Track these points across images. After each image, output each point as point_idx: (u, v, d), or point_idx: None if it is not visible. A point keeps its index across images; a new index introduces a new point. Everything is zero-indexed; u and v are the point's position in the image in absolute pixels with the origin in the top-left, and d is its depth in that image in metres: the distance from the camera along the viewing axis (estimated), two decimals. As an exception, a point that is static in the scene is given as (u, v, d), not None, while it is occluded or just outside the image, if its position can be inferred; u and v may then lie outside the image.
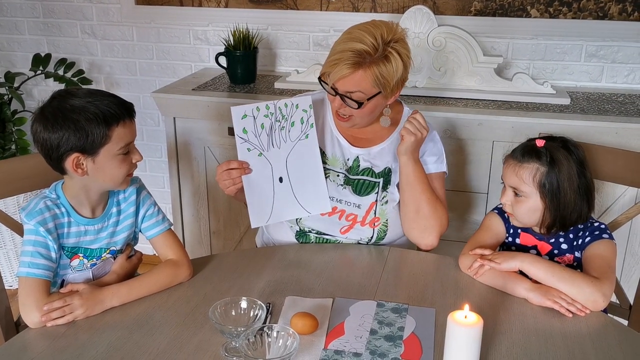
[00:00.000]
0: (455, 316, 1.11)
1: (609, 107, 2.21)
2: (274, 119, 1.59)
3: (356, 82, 1.54)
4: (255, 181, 1.61)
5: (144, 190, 1.53)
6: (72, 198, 1.40)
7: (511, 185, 1.51)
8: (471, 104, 2.23)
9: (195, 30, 2.76)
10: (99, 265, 1.46)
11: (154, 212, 1.52)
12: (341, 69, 1.52)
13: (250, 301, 1.25)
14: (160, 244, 1.51)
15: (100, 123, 1.32)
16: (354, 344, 1.24)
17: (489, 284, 1.46)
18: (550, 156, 1.46)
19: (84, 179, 1.37)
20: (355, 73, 1.53)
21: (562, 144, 1.49)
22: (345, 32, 1.58)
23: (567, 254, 1.52)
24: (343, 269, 1.58)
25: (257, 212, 1.63)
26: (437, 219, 1.66)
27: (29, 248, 1.34)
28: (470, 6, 2.45)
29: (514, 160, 1.51)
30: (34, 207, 1.36)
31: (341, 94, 1.57)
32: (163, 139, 2.92)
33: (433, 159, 1.71)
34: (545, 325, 1.32)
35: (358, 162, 1.70)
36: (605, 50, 2.43)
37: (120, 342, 1.25)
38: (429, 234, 1.67)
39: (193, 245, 2.57)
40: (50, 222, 1.36)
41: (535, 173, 1.46)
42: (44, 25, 2.92)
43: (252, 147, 1.60)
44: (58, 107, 1.32)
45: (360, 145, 1.71)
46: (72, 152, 1.32)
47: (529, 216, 1.50)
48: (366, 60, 1.52)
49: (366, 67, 1.52)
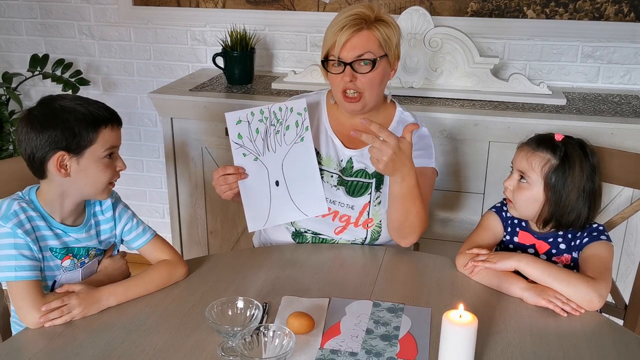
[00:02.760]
0: (450, 315, 1.12)
1: (604, 108, 2.22)
2: (268, 123, 1.59)
3: (364, 42, 1.58)
4: (252, 185, 1.62)
5: (120, 204, 1.51)
6: (45, 204, 1.38)
7: (519, 169, 1.51)
8: (467, 104, 2.24)
9: (192, 31, 2.77)
10: (87, 265, 1.46)
11: (134, 224, 1.50)
12: (347, 32, 1.56)
13: (246, 301, 1.25)
14: (149, 251, 1.51)
15: (89, 124, 1.33)
16: (350, 344, 1.25)
17: (485, 284, 1.46)
18: (564, 152, 1.46)
19: (64, 183, 1.35)
20: (361, 32, 1.58)
21: (579, 145, 1.49)
22: (334, 18, 1.61)
23: (564, 254, 1.53)
24: (339, 269, 1.58)
25: (254, 216, 1.64)
26: (420, 224, 1.60)
27: (12, 252, 1.31)
28: (467, 7, 2.45)
29: (528, 146, 1.51)
30: (7, 209, 1.34)
31: (351, 62, 1.58)
32: (160, 139, 2.92)
33: (419, 152, 1.67)
34: (541, 324, 1.32)
35: (352, 164, 1.70)
36: (601, 51, 2.44)
37: (117, 342, 1.25)
38: (411, 237, 1.62)
39: (190, 245, 2.57)
40: (27, 223, 1.33)
41: (546, 163, 1.46)
42: (42, 26, 2.92)
43: (248, 152, 1.60)
44: (48, 107, 1.33)
45: (353, 146, 1.71)
46: (57, 151, 1.31)
47: (527, 205, 1.50)
48: (367, 22, 1.58)
49: (369, 28, 1.58)
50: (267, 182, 1.63)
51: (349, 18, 1.57)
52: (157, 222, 3.06)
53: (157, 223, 3.04)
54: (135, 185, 3.07)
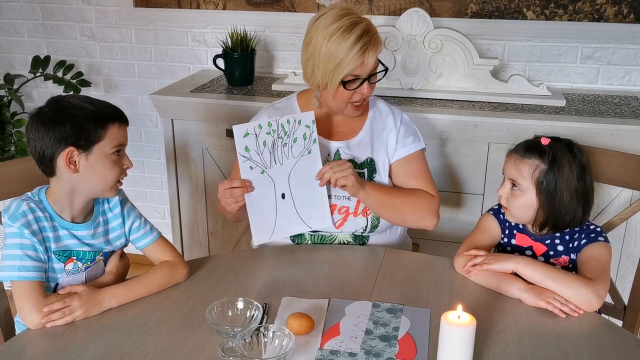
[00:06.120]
0: (449, 316, 1.12)
1: (604, 109, 2.22)
2: (276, 135, 1.58)
3: (377, 55, 1.63)
4: (258, 198, 1.61)
5: (127, 203, 1.53)
6: (55, 203, 1.40)
7: (510, 177, 1.52)
8: (467, 105, 2.25)
9: (193, 33, 2.78)
10: (92, 268, 1.47)
11: (141, 223, 1.52)
12: (371, 53, 1.59)
13: (246, 302, 1.26)
14: (153, 252, 1.52)
15: (97, 120, 1.36)
16: (349, 344, 1.26)
17: (483, 285, 1.47)
18: (552, 156, 1.46)
19: (73, 179, 1.37)
20: (377, 47, 1.61)
21: (566, 146, 1.49)
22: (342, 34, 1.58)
23: (562, 256, 1.53)
24: (339, 270, 1.59)
25: (259, 229, 1.63)
26: (425, 205, 1.70)
27: (17, 251, 1.33)
28: (467, 8, 2.46)
29: (516, 154, 1.52)
30: (16, 209, 1.35)
31: (369, 75, 1.62)
32: (161, 140, 2.93)
33: (410, 139, 1.75)
34: (539, 325, 1.33)
35: (339, 156, 1.72)
36: (601, 52, 2.44)
37: (118, 343, 1.26)
38: (425, 221, 1.71)
39: (191, 246, 2.58)
40: (34, 224, 1.35)
41: (535, 169, 1.47)
42: (43, 27, 2.93)
43: (255, 164, 1.59)
44: (57, 105, 1.37)
45: (338, 138, 1.74)
46: (66, 147, 1.33)
47: (522, 211, 1.51)
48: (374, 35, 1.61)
49: (376, 40, 1.61)
50: (274, 194, 1.62)
51: (365, 37, 1.57)
52: (158, 223, 3.02)
53: (158, 224, 2.99)
54: (136, 186, 3.07)
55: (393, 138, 1.74)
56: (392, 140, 1.74)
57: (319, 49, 1.59)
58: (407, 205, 1.69)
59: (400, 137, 1.74)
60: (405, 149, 1.74)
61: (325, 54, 1.58)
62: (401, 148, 1.74)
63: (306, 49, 1.64)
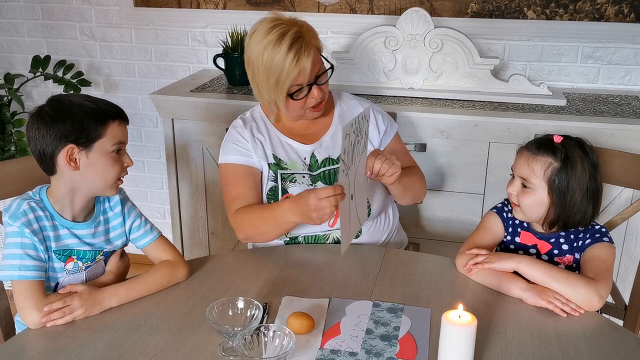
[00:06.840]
0: (449, 316, 1.12)
1: (604, 109, 2.22)
2: (355, 134, 1.43)
3: (315, 56, 1.60)
4: (344, 203, 1.45)
5: (128, 202, 1.53)
6: (55, 202, 1.40)
7: (521, 175, 1.50)
8: (467, 105, 2.24)
9: (193, 32, 2.78)
10: (92, 268, 1.47)
11: (141, 223, 1.52)
12: (305, 57, 1.56)
13: (247, 301, 1.26)
14: (153, 251, 1.52)
15: (97, 118, 1.36)
16: (350, 344, 1.26)
17: (484, 284, 1.47)
18: (565, 153, 1.45)
19: (74, 177, 1.37)
20: (310, 50, 1.58)
21: (578, 144, 1.49)
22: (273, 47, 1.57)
23: (567, 255, 1.53)
24: (339, 269, 1.58)
25: (346, 237, 1.48)
26: (424, 179, 1.83)
27: (17, 251, 1.33)
28: (467, 8, 2.46)
29: (528, 151, 1.50)
30: (16, 208, 1.35)
31: (315, 78, 1.61)
32: (161, 140, 2.93)
33: (388, 124, 1.82)
34: (540, 325, 1.33)
35: (315, 158, 1.72)
36: (602, 51, 2.44)
37: (118, 342, 1.26)
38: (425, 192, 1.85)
39: (191, 245, 2.58)
40: (35, 223, 1.35)
41: (548, 167, 1.46)
42: (43, 27, 2.93)
43: (345, 168, 1.42)
44: (57, 103, 1.37)
45: (309, 141, 1.74)
46: (66, 144, 1.34)
47: (533, 209, 1.50)
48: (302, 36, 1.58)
49: (307, 41, 1.58)
50: (348, 196, 1.47)
51: (296, 44, 1.55)
52: (158, 223, 3.03)
53: (158, 224, 3.00)
54: (137, 185, 3.07)
55: (373, 128, 1.76)
56: (373, 131, 1.76)
57: (257, 68, 1.59)
58: (418, 184, 1.79)
59: (380, 125, 1.79)
60: (387, 136, 1.80)
61: (263, 72, 1.58)
62: (385, 135, 1.80)
63: (247, 70, 1.64)
